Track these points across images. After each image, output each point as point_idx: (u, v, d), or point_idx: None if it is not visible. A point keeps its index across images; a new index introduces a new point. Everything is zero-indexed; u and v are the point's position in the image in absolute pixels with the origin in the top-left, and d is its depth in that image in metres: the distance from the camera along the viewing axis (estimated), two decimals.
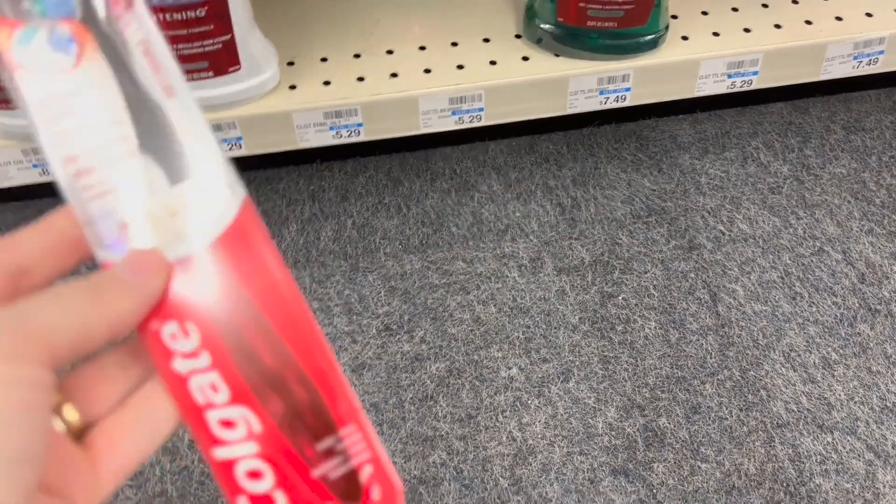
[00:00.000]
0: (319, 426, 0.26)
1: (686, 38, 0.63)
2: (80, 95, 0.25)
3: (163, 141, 0.25)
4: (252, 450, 0.25)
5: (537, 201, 0.74)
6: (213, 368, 0.25)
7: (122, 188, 0.25)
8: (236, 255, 0.25)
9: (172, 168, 0.25)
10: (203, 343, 0.25)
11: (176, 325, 0.25)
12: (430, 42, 0.63)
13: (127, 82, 0.25)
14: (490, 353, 0.66)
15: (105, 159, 0.25)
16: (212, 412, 0.25)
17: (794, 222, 0.73)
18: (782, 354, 0.65)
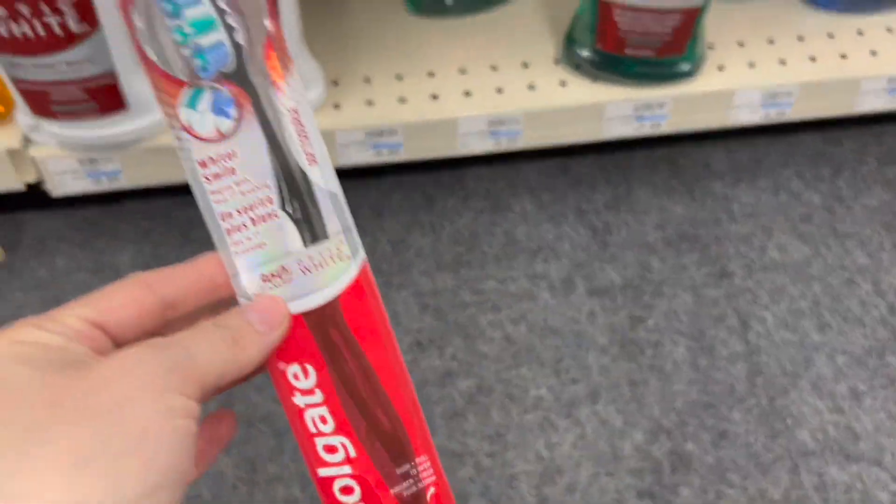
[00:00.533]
0: (400, 454, 0.31)
1: (722, 68, 0.64)
2: (236, 158, 0.28)
3: (303, 204, 0.29)
4: (347, 471, 0.30)
5: (570, 223, 0.76)
6: (324, 404, 0.30)
7: (267, 246, 0.29)
8: (352, 310, 0.29)
9: (309, 229, 0.29)
10: (318, 383, 0.30)
11: (298, 367, 0.29)
12: (470, 65, 0.65)
13: (276, 146, 0.28)
14: (520, 372, 0.67)
15: (253, 218, 0.28)
16: (319, 439, 0.30)
17: (824, 252, 0.74)
18: (810, 383, 0.66)
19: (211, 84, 0.27)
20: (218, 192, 0.28)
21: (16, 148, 0.59)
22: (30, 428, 0.22)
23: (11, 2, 0.48)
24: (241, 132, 0.28)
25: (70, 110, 0.55)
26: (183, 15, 0.27)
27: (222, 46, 0.27)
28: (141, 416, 0.23)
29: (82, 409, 0.23)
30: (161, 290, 0.28)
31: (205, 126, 0.28)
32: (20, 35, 0.50)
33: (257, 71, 0.27)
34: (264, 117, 0.28)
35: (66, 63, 0.52)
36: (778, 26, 0.67)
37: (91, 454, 0.22)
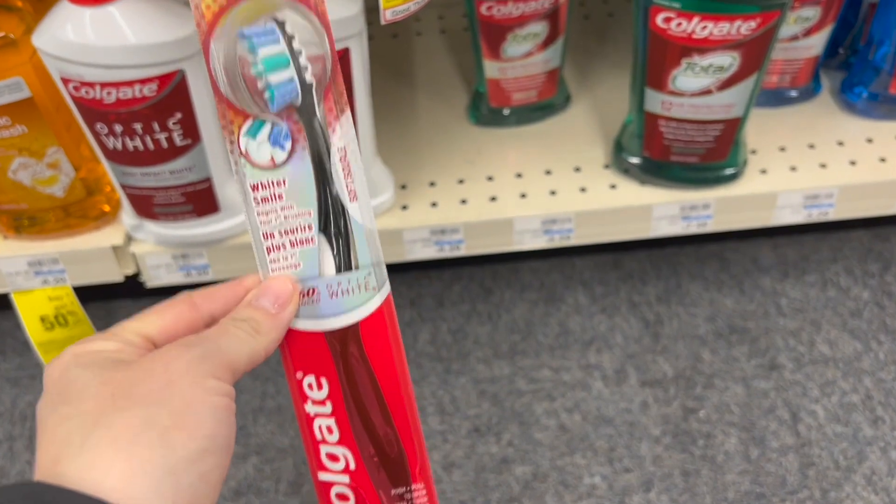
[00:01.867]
0: (398, 476, 0.33)
1: (764, 172, 0.68)
2: (284, 185, 0.31)
3: (340, 235, 0.32)
4: (345, 480, 0.33)
5: (622, 315, 0.79)
6: (333, 416, 0.33)
7: (302, 267, 0.32)
8: (371, 337, 0.32)
9: (343, 258, 0.32)
10: (330, 395, 0.32)
11: (314, 378, 0.33)
12: (526, 170, 0.70)
13: (322, 179, 0.31)
14: (574, 459, 0.69)
15: (292, 241, 0.32)
16: (324, 447, 0.33)
17: (875, 347, 0.75)
18: (864, 478, 0.66)
19: (273, 117, 0.31)
20: (264, 214, 0.31)
21: (119, 244, 0.66)
22: (90, 418, 0.27)
23: (129, 121, 0.55)
24: (292, 163, 0.31)
25: (170, 212, 0.62)
26: (258, 52, 0.30)
27: (292, 83, 0.30)
28: (183, 395, 0.28)
29: (133, 396, 0.27)
30: (205, 307, 0.33)
31: (261, 154, 0.31)
32: (132, 148, 0.57)
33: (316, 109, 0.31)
34: (316, 152, 0.31)
35: (170, 172, 0.59)
36: (818, 132, 0.71)
37: (143, 430, 0.26)
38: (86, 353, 0.30)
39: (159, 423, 0.27)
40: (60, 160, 0.61)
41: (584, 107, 0.75)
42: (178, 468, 0.26)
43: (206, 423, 0.28)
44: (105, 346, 0.30)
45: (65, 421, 0.27)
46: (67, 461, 0.26)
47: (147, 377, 0.28)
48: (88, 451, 0.26)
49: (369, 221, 0.32)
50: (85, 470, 0.26)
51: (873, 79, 0.70)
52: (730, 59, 0.56)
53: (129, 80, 0.52)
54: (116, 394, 0.28)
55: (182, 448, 0.27)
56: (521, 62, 0.68)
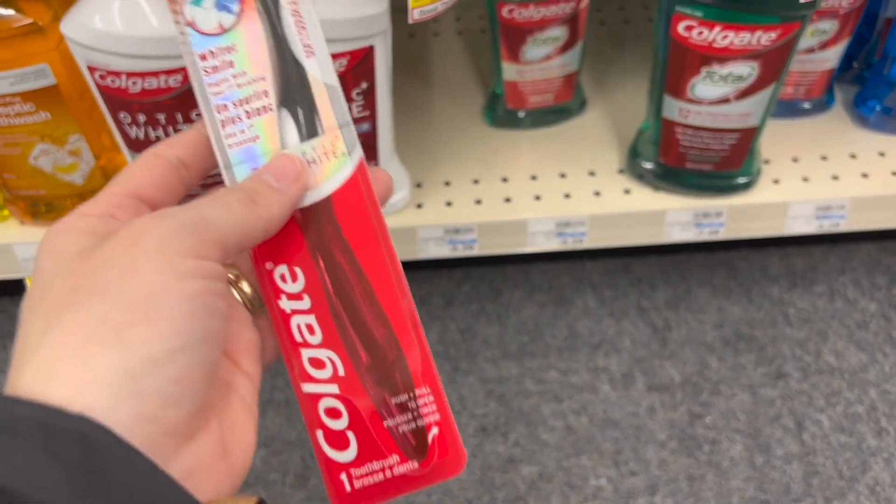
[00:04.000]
0: (398, 382, 0.28)
1: (777, 182, 0.68)
2: (235, 52, 0.28)
3: (300, 97, 0.28)
4: (334, 390, 0.27)
5: (630, 320, 0.80)
6: (312, 312, 0.28)
7: (261, 139, 0.28)
8: (347, 210, 0.28)
9: (305, 123, 0.28)
10: (306, 287, 0.28)
11: (286, 268, 0.28)
12: (540, 172, 0.71)
13: (275, 38, 0.28)
14: (580, 461, 0.70)
15: (248, 111, 0.28)
16: (305, 350, 0.28)
17: (881, 359, 0.76)
18: (867, 488, 0.67)
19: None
20: (216, 85, 0.28)
21: None
22: (48, 316, 0.23)
23: (152, 111, 0.56)
24: (241, 25, 0.28)
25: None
26: None
27: None
28: (145, 283, 0.23)
29: (92, 287, 0.23)
30: (168, 152, 0.28)
31: (208, 21, 0.28)
32: (154, 138, 0.58)
33: None
34: (265, 11, 0.28)
35: None
36: (831, 144, 0.71)
37: (95, 329, 0.22)
38: (55, 234, 0.26)
39: (114, 319, 0.23)
40: (82, 148, 0.61)
41: (600, 111, 0.76)
42: (138, 372, 0.22)
43: (175, 316, 0.23)
44: (76, 224, 0.26)
45: (28, 318, 0.24)
46: (21, 367, 0.23)
47: (108, 262, 0.24)
48: (39, 357, 0.22)
49: (330, 77, 0.29)
50: (35, 378, 0.22)
51: (887, 93, 0.71)
52: (749, 69, 0.57)
53: (155, 71, 0.53)
54: (76, 286, 0.23)
55: (142, 347, 0.22)
56: (540, 65, 0.69)
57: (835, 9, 0.65)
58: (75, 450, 0.21)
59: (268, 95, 0.28)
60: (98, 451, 0.21)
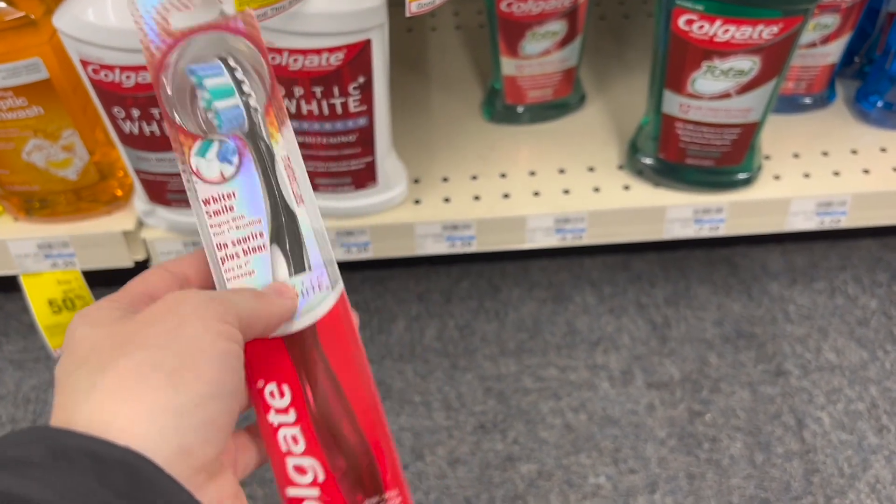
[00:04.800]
0: (370, 485, 0.32)
1: (778, 178, 0.68)
2: (234, 198, 0.33)
3: (291, 238, 0.33)
4: (315, 493, 0.31)
5: (630, 317, 0.79)
6: (297, 424, 0.32)
7: (256, 274, 0.33)
8: (329, 337, 0.32)
9: (294, 261, 0.33)
10: (292, 402, 0.32)
11: (275, 386, 0.32)
12: (539, 168, 0.70)
13: (269, 187, 0.33)
14: (579, 459, 0.69)
15: (245, 249, 0.33)
16: (290, 459, 0.32)
17: (881, 356, 0.75)
18: (867, 485, 0.66)
19: (220, 136, 0.33)
20: (217, 226, 0.32)
21: (130, 230, 0.66)
22: (99, 366, 0.27)
23: (146, 106, 0.55)
24: (240, 175, 0.33)
25: (183, 198, 0.62)
26: (205, 85, 0.32)
27: (238, 109, 0.33)
28: (190, 337, 0.28)
29: (139, 341, 0.27)
30: (178, 270, 0.33)
31: (211, 171, 0.32)
32: (149, 133, 0.57)
33: (260, 125, 0.33)
34: (262, 164, 0.33)
35: None
36: (832, 140, 0.71)
37: (150, 372, 0.26)
38: (90, 314, 0.30)
39: (166, 364, 0.27)
40: (75, 143, 0.60)
41: (599, 107, 0.75)
42: (183, 410, 0.26)
43: (213, 367, 0.28)
44: (110, 305, 0.30)
45: (73, 373, 0.27)
46: (75, 407, 0.26)
47: (153, 321, 0.28)
48: (95, 395, 0.26)
49: (317, 222, 0.33)
50: (93, 413, 0.26)
51: (888, 88, 0.70)
52: (750, 64, 0.56)
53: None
54: (123, 342, 0.28)
55: (188, 391, 0.27)
56: (539, 60, 0.68)
57: (837, 3, 0.65)
58: (122, 477, 0.24)
59: (262, 236, 0.33)
60: (142, 480, 0.25)
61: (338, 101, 0.55)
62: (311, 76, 0.53)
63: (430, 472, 0.68)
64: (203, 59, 0.33)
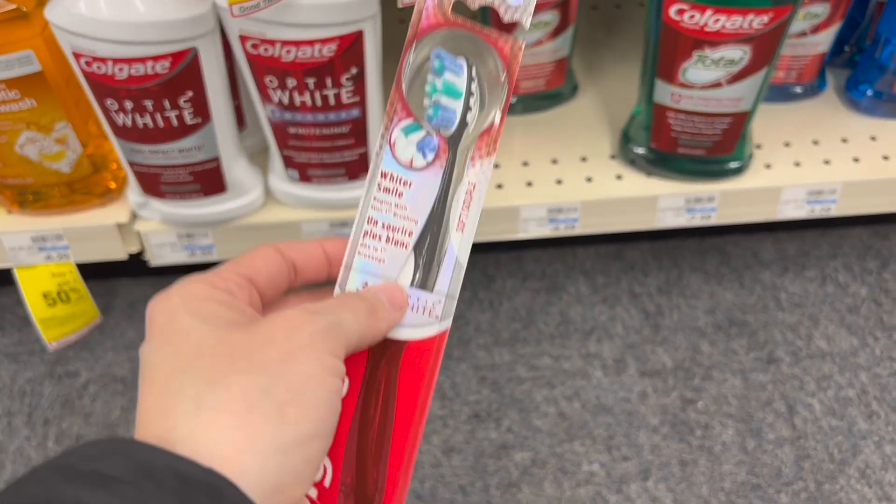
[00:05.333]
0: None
1: (769, 167, 0.68)
2: (409, 187, 0.32)
3: (432, 254, 0.32)
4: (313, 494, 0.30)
5: (623, 306, 0.80)
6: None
7: (385, 263, 0.32)
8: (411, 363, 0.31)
9: (423, 275, 0.32)
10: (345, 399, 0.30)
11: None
12: (532, 158, 0.70)
13: (443, 199, 0.32)
14: (573, 447, 0.70)
15: (389, 237, 0.32)
16: None
17: (871, 343, 0.76)
18: (858, 471, 0.67)
19: (430, 128, 0.33)
20: (378, 202, 0.32)
21: (124, 222, 0.66)
22: (208, 377, 0.26)
23: (139, 98, 0.55)
24: (426, 172, 0.32)
25: (177, 191, 0.62)
26: (442, 76, 0.33)
27: (453, 113, 0.33)
28: (303, 370, 0.26)
29: (253, 361, 0.26)
30: (289, 254, 0.32)
31: (405, 152, 0.32)
32: (142, 126, 0.57)
33: (466, 143, 0.32)
34: (449, 175, 0.32)
35: (179, 150, 0.59)
36: (823, 129, 0.71)
37: (259, 400, 0.25)
38: (196, 300, 0.28)
39: (277, 395, 0.25)
40: (68, 136, 0.60)
41: (592, 97, 0.76)
42: (287, 447, 0.25)
43: (321, 404, 0.26)
44: (221, 298, 0.28)
45: (178, 374, 0.26)
46: (180, 419, 0.25)
47: (268, 343, 0.27)
48: (203, 413, 0.25)
49: (463, 256, 0.32)
50: (197, 432, 0.24)
51: (878, 77, 0.71)
52: (741, 53, 0.57)
53: (141, 57, 0.52)
54: (235, 355, 0.26)
55: (295, 427, 0.25)
56: (531, 50, 0.68)
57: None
58: (207, 499, 0.23)
59: (411, 235, 0.32)
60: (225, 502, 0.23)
61: (331, 93, 0.55)
62: (303, 67, 0.54)
63: (425, 460, 0.69)
64: (452, 50, 0.33)
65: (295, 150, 0.60)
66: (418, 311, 0.32)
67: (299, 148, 0.60)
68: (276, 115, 0.58)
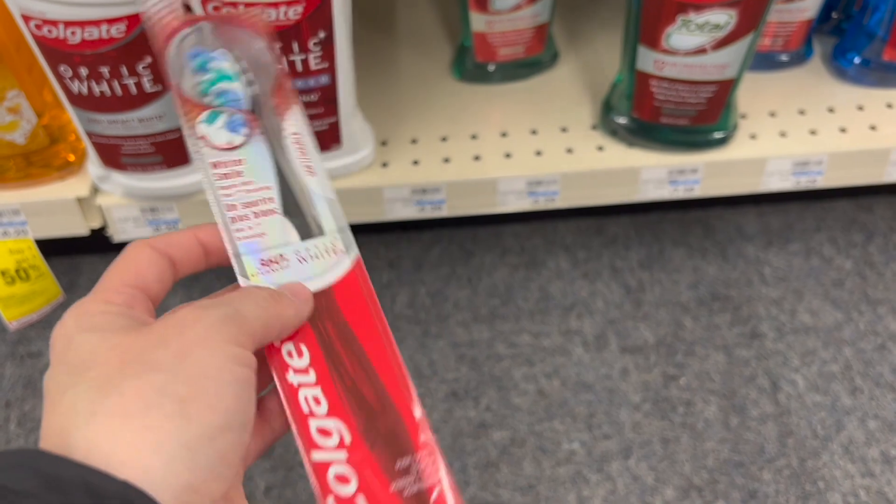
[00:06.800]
0: (400, 447, 0.30)
1: (754, 137, 0.66)
2: (243, 164, 0.33)
3: (304, 206, 0.33)
4: (342, 456, 0.30)
5: (603, 281, 0.78)
6: (318, 384, 0.30)
7: (268, 235, 0.32)
8: (347, 300, 0.32)
9: (307, 227, 0.33)
10: (312, 362, 0.31)
11: (292, 345, 0.31)
12: (511, 129, 0.68)
13: (281, 161, 0.34)
14: (553, 425, 0.68)
15: (255, 213, 0.33)
16: (313, 420, 0.30)
17: (856, 317, 0.75)
18: (841, 447, 0.66)
19: (229, 109, 0.33)
20: (226, 189, 0.32)
21: (84, 196, 0.63)
22: (101, 384, 0.25)
23: (95, 64, 0.52)
24: (249, 145, 0.33)
25: (138, 163, 0.59)
26: (208, 69, 0.33)
27: (239, 93, 0.34)
28: (202, 363, 0.25)
29: (146, 362, 0.25)
30: (165, 250, 0.31)
31: (219, 139, 0.33)
32: (99, 94, 0.54)
33: (267, 107, 0.34)
34: (269, 138, 0.33)
35: (139, 119, 0.56)
36: (809, 98, 0.69)
37: (157, 400, 0.24)
38: (88, 315, 0.27)
39: (175, 392, 0.24)
40: (21, 105, 0.57)
41: (572, 65, 0.73)
42: (194, 444, 0.24)
43: (227, 395, 0.25)
44: (106, 308, 0.27)
45: (69, 389, 0.25)
46: (74, 431, 0.24)
47: (161, 342, 0.26)
48: (97, 420, 0.24)
49: (329, 192, 0.34)
50: (93, 441, 0.23)
51: (866, 45, 0.69)
52: (726, 17, 0.54)
53: (95, 20, 0.49)
54: (126, 359, 0.25)
55: (199, 422, 0.24)
56: (509, 15, 0.66)
57: None
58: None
59: (273, 201, 0.33)
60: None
61: (298, 58, 0.53)
62: None
63: None
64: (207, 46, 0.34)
65: None
66: (325, 256, 0.32)
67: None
68: None
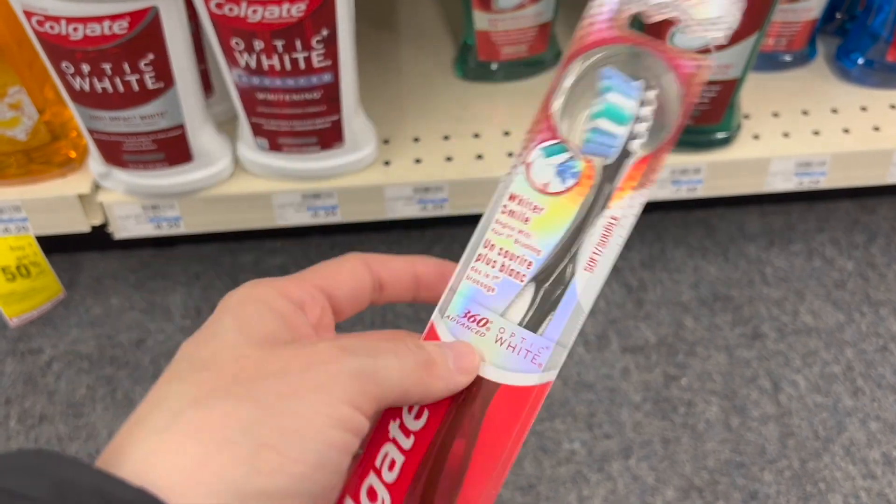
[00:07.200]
0: None
1: (757, 137, 0.66)
2: (538, 213, 0.29)
3: (550, 293, 0.28)
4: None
5: None
6: (406, 454, 0.28)
7: (495, 293, 0.28)
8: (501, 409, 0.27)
9: (535, 315, 0.28)
10: (421, 432, 0.28)
11: (417, 406, 0.28)
12: (513, 127, 0.68)
13: (576, 231, 0.28)
14: (553, 424, 0.68)
15: (504, 265, 0.28)
16: (373, 477, 0.28)
17: (857, 318, 0.75)
18: (842, 448, 0.66)
19: (576, 152, 0.29)
20: (500, 225, 0.29)
21: (86, 193, 0.63)
22: (197, 393, 0.23)
23: (97, 61, 0.52)
24: (561, 199, 0.28)
25: (140, 160, 0.59)
26: (607, 97, 0.28)
27: (615, 140, 0.28)
28: (300, 414, 0.23)
29: (252, 388, 0.23)
30: (377, 270, 0.29)
31: (541, 174, 0.29)
32: (101, 90, 0.54)
33: (623, 171, 0.28)
34: (589, 206, 0.28)
35: (141, 117, 0.56)
36: (812, 99, 0.69)
37: (238, 437, 0.22)
38: (252, 301, 0.26)
39: (259, 434, 0.22)
40: (23, 101, 0.57)
41: None
42: (248, 497, 0.21)
43: (310, 458, 0.22)
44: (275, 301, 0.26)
45: (175, 379, 0.24)
46: (147, 433, 0.22)
47: (279, 373, 0.23)
48: (172, 432, 0.22)
49: (586, 302, 0.28)
50: (157, 453, 0.22)
51: (870, 46, 0.68)
52: None
53: (97, 16, 0.49)
54: (240, 377, 0.23)
55: (267, 477, 0.22)
56: (512, 14, 0.65)
57: None
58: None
59: (530, 267, 0.28)
60: None
61: (300, 56, 0.52)
62: (271, 28, 0.50)
63: None
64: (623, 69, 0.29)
65: (264, 117, 0.57)
66: (521, 354, 0.28)
67: (268, 115, 0.57)
68: (243, 79, 0.55)
